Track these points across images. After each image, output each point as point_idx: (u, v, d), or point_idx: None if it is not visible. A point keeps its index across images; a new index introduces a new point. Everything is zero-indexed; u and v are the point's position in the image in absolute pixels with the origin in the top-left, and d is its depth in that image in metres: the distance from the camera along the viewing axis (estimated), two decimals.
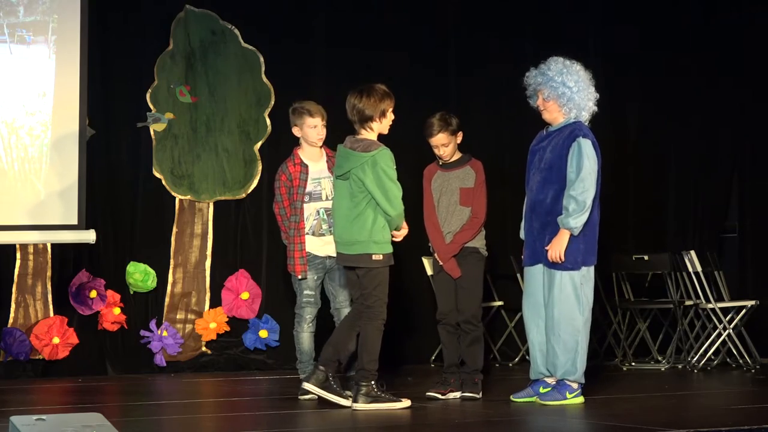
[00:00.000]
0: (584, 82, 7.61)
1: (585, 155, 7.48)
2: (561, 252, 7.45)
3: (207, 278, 10.16)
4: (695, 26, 11.58)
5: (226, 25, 10.23)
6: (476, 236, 7.91)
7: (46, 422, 5.31)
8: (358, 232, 7.26)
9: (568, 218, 7.44)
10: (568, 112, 7.60)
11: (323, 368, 7.31)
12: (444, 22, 10.97)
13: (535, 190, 7.63)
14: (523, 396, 7.73)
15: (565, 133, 7.57)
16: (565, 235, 7.47)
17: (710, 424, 6.40)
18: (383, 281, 7.31)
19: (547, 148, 7.63)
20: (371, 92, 7.32)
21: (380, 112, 7.31)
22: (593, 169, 7.50)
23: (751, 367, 10.09)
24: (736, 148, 11.69)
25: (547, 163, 7.58)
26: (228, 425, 6.92)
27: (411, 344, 10.59)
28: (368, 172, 7.21)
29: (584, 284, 7.54)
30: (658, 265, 10.32)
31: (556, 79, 7.56)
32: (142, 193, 10.02)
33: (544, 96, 7.62)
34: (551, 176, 7.55)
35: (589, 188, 7.47)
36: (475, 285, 7.94)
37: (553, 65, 7.63)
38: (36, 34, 9.09)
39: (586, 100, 7.61)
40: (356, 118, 7.32)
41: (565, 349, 7.51)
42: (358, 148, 7.28)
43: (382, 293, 7.31)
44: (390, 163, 7.26)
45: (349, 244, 7.31)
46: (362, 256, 7.27)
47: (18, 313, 9.56)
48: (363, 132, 7.33)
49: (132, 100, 9.97)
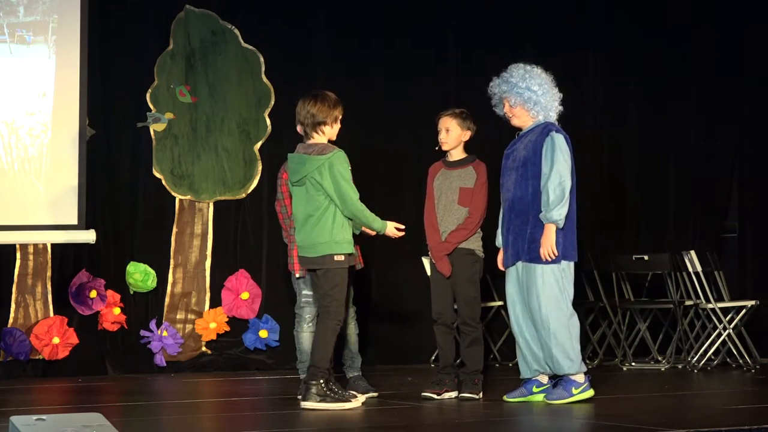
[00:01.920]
0: (548, 84, 7.75)
1: (558, 148, 7.58)
2: (553, 247, 7.52)
3: (207, 278, 10.16)
4: (695, 26, 11.57)
5: (226, 25, 10.23)
6: (471, 237, 7.92)
7: (46, 422, 5.31)
8: (319, 234, 7.35)
9: (551, 212, 7.53)
10: (536, 115, 7.74)
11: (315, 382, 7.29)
12: (444, 22, 10.96)
13: (512, 189, 7.73)
14: (516, 396, 7.75)
15: (537, 131, 7.71)
16: (551, 229, 7.55)
17: (710, 424, 6.40)
18: (341, 282, 7.36)
19: (519, 147, 7.76)
20: (325, 98, 7.46)
21: (333, 118, 7.45)
22: (567, 162, 7.60)
23: (751, 367, 10.08)
24: (736, 148, 11.68)
25: (521, 161, 7.70)
26: (228, 425, 6.92)
27: (410, 344, 10.60)
28: (325, 174, 7.32)
29: (564, 278, 7.61)
30: (658, 265, 10.32)
31: (521, 84, 7.70)
32: (142, 193, 10.02)
33: (511, 103, 7.77)
34: (527, 172, 7.65)
35: (565, 179, 7.56)
36: (472, 286, 7.95)
37: (515, 72, 7.78)
38: (36, 34, 9.10)
39: (552, 101, 7.75)
40: (309, 122, 7.43)
41: (558, 344, 7.55)
42: (313, 152, 7.39)
43: (339, 294, 7.36)
44: (345, 165, 7.37)
45: (312, 247, 7.39)
46: (325, 257, 7.35)
47: (18, 313, 9.56)
48: (315, 136, 7.44)
49: (132, 100, 9.97)
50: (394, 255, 10.24)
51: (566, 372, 7.58)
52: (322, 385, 7.25)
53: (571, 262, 7.66)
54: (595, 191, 11.31)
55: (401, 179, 10.70)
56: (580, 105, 11.25)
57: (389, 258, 10.27)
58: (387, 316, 10.50)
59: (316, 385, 7.25)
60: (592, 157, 11.35)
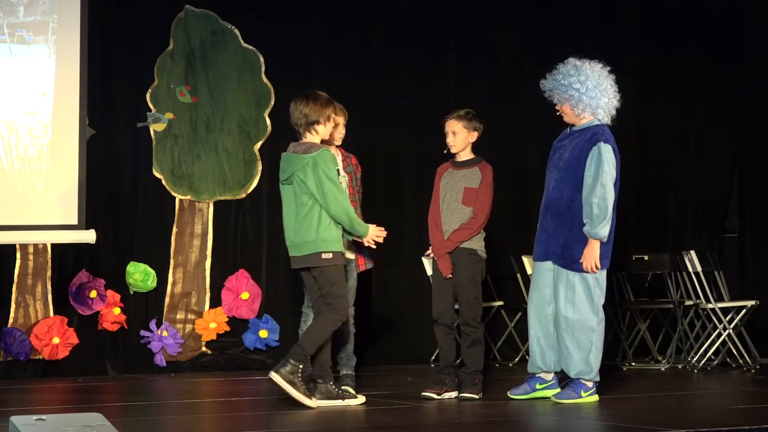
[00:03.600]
0: (593, 81, 7.59)
1: (605, 160, 7.48)
2: (597, 261, 7.48)
3: (207, 278, 10.16)
4: (695, 26, 11.57)
5: (226, 25, 10.22)
6: (474, 237, 7.91)
7: (46, 422, 5.31)
8: (306, 233, 7.37)
9: (595, 228, 7.46)
10: (581, 113, 7.61)
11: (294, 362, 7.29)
12: (444, 22, 10.96)
13: (551, 188, 7.66)
14: (520, 393, 7.75)
15: (586, 136, 7.59)
16: (595, 245, 7.49)
17: (710, 424, 6.40)
18: (339, 279, 7.38)
19: (567, 147, 7.66)
20: (317, 98, 7.49)
21: (326, 117, 7.47)
22: (612, 175, 7.51)
23: (751, 367, 10.08)
24: (736, 148, 11.68)
25: (565, 163, 7.60)
26: (228, 425, 6.92)
27: (411, 344, 10.60)
28: (309, 174, 7.34)
29: (596, 286, 7.56)
30: (658, 265, 10.32)
31: (563, 82, 7.60)
32: (142, 193, 10.02)
33: (556, 101, 7.68)
34: (568, 176, 7.57)
35: (609, 193, 7.47)
36: (473, 287, 7.94)
37: (563, 68, 7.67)
38: (36, 34, 9.10)
39: (598, 98, 7.59)
40: (302, 122, 7.46)
41: (579, 349, 7.54)
42: (300, 150, 7.42)
43: (340, 290, 7.39)
44: (330, 164, 7.38)
45: (299, 246, 7.41)
46: (312, 255, 7.37)
47: (18, 313, 9.56)
48: (308, 135, 7.47)
49: (132, 100, 9.97)
50: (395, 255, 10.24)
51: (581, 376, 7.57)
52: (298, 369, 7.25)
53: (604, 270, 7.63)
54: None
55: (401, 179, 10.69)
56: None
57: (389, 258, 10.26)
58: (387, 316, 10.50)
59: (293, 366, 7.24)
60: None
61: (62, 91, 9.18)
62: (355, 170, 8.15)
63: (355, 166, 8.16)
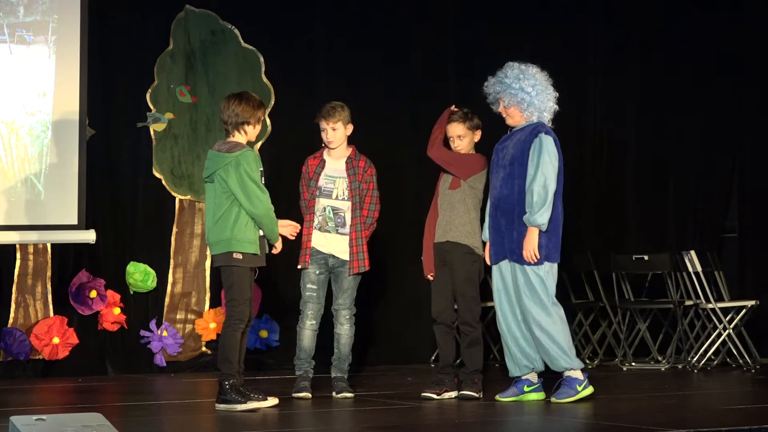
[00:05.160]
0: (542, 85, 7.76)
1: (545, 150, 7.60)
2: (535, 250, 7.55)
3: (207, 278, 10.16)
4: (695, 26, 11.57)
5: (226, 25, 10.22)
6: (471, 235, 7.94)
7: (46, 422, 5.31)
8: (221, 231, 7.36)
9: (534, 215, 7.55)
10: (530, 116, 7.76)
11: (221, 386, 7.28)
12: (444, 22, 10.96)
13: (499, 186, 7.76)
14: (509, 395, 7.77)
15: (527, 131, 7.73)
16: (534, 232, 7.58)
17: (710, 424, 6.41)
18: (238, 282, 7.34)
19: (509, 145, 7.78)
20: (250, 99, 7.52)
21: (256, 119, 7.49)
22: (554, 165, 7.61)
23: (751, 367, 10.09)
24: (736, 148, 11.68)
25: (509, 159, 7.73)
26: (228, 425, 6.92)
27: (410, 344, 10.60)
28: (231, 173, 7.33)
29: (547, 279, 7.64)
30: (658, 265, 10.32)
31: (514, 85, 7.72)
32: (142, 193, 10.02)
33: (505, 103, 7.79)
34: (514, 171, 7.67)
35: (550, 182, 7.57)
36: (471, 287, 7.96)
37: (509, 72, 7.80)
38: (36, 34, 9.09)
39: (546, 102, 7.75)
40: (232, 121, 7.47)
41: (553, 342, 7.59)
42: (224, 149, 7.42)
43: (237, 294, 7.35)
44: (253, 165, 7.37)
45: (215, 244, 7.42)
46: (224, 254, 7.37)
47: (18, 313, 9.56)
48: (236, 135, 7.47)
49: (132, 100, 9.97)
50: (394, 255, 10.23)
51: (564, 367, 7.60)
52: (226, 387, 7.24)
53: (554, 263, 7.68)
54: (594, 191, 11.31)
55: (401, 179, 10.69)
56: (580, 105, 11.25)
57: (389, 258, 10.26)
58: (387, 316, 10.50)
59: (225, 388, 7.25)
60: (592, 156, 11.35)
61: (62, 91, 9.18)
62: (359, 172, 8.13)
63: (362, 168, 8.16)
